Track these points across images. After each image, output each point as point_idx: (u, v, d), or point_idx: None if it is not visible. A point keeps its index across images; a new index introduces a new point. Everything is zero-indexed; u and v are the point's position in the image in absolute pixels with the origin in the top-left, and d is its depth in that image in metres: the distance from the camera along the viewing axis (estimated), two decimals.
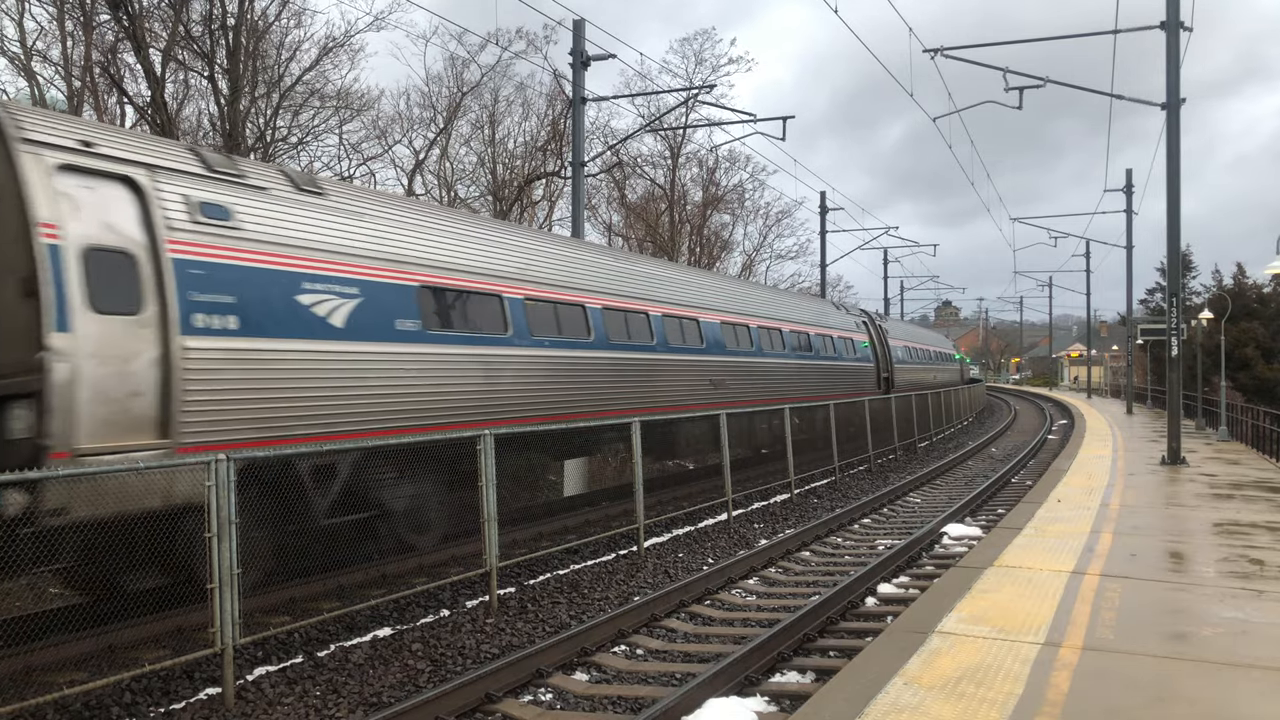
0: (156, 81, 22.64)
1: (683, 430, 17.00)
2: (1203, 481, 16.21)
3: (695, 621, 9.71)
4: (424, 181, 35.16)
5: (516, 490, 13.64)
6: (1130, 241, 41.06)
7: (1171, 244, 19.08)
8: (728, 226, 50.13)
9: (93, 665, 7.86)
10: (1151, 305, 47.77)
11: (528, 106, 38.17)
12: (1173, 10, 18.31)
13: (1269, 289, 44.84)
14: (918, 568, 12.13)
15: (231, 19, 23.95)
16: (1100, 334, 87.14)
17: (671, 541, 13.81)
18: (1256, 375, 41.43)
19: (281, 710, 7.11)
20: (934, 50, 20.19)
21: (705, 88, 28.02)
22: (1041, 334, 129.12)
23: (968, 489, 19.50)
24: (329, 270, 10.24)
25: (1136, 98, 20.09)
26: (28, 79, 24.06)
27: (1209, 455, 21.29)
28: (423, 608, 10.01)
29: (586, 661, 8.22)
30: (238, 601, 7.33)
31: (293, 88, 27.22)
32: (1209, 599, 7.78)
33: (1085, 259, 54.24)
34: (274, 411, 9.30)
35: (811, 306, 27.29)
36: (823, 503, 18.13)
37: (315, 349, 9.85)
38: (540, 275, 13.99)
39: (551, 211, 40.12)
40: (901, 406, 27.23)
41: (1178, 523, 11.76)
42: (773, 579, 11.65)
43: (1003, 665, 6.01)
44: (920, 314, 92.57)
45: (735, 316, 20.11)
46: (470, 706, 7.03)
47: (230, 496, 7.32)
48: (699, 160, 45.36)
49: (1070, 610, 7.37)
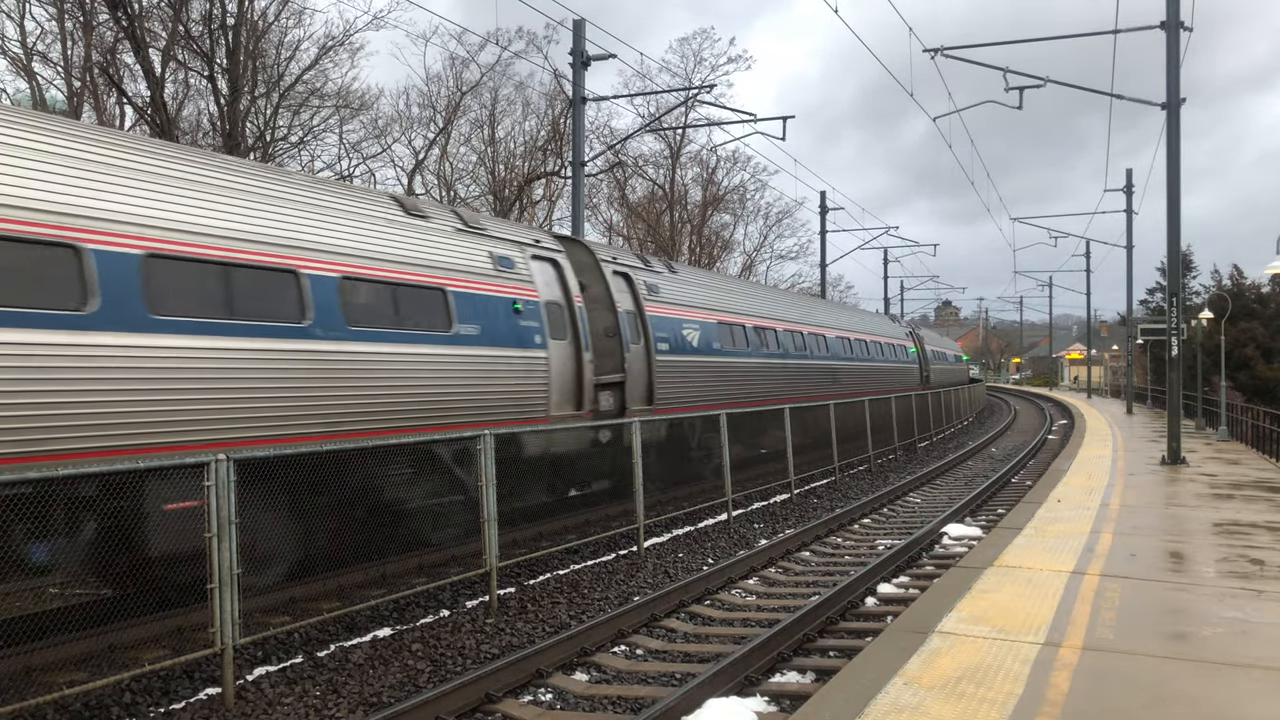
0: (156, 81, 22.65)
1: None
2: (1203, 481, 16.20)
3: (695, 621, 9.71)
4: (424, 181, 35.18)
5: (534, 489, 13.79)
6: (1130, 241, 41.09)
7: (1171, 244, 19.08)
8: (728, 226, 50.20)
9: (93, 665, 7.86)
10: (1151, 305, 47.77)
11: (528, 106, 38.22)
12: (1173, 10, 18.31)
13: (1268, 289, 44.86)
14: (918, 568, 12.13)
15: (231, 19, 23.95)
16: (1100, 334, 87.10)
17: (671, 541, 13.81)
18: (1256, 375, 41.44)
19: (281, 710, 7.11)
20: (934, 50, 20.18)
21: (705, 88, 28.08)
22: (1041, 334, 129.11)
23: (968, 489, 19.49)
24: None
25: (1136, 97, 20.11)
26: (28, 79, 24.07)
27: (1209, 455, 21.29)
28: (423, 608, 10.01)
29: (586, 661, 8.22)
30: (238, 601, 7.33)
31: (292, 87, 27.24)
32: (1209, 599, 7.78)
33: (1085, 259, 54.31)
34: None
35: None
36: (823, 503, 18.13)
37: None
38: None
39: (552, 211, 40.17)
40: (901, 406, 27.24)
41: (1178, 523, 11.76)
42: (773, 579, 11.65)
43: (1003, 665, 6.01)
44: (920, 314, 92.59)
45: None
46: (470, 706, 7.03)
47: (230, 496, 7.32)
48: (699, 160, 45.42)
49: (1070, 610, 7.37)
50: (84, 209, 7.98)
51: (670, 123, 37.23)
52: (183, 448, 8.39)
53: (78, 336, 7.72)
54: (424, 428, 10.90)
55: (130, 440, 8.05)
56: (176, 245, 8.67)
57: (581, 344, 13.92)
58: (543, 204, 39.81)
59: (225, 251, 9.14)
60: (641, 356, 15.80)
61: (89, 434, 7.79)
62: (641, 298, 16.16)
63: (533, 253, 13.69)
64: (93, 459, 7.60)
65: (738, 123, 25.70)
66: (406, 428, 10.71)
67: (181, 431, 8.45)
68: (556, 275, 14.01)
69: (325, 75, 28.67)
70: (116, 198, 8.31)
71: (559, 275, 14.07)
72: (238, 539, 7.34)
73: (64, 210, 7.84)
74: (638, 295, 16.11)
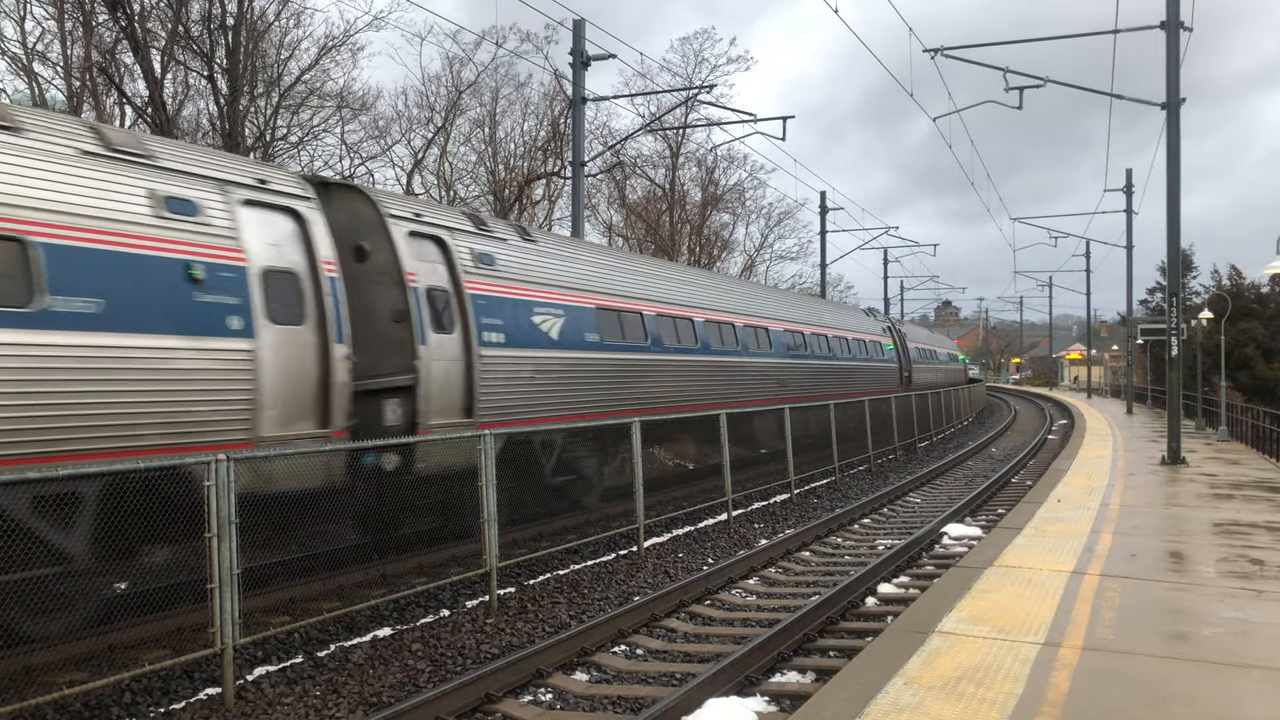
0: (155, 81, 22.65)
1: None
2: (1203, 481, 16.20)
3: (695, 621, 9.71)
4: (424, 181, 35.18)
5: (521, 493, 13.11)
6: (1130, 241, 41.11)
7: (1171, 244, 19.08)
8: (728, 226, 50.22)
9: (93, 665, 7.86)
10: (1151, 305, 47.78)
11: (527, 106, 38.22)
12: (1172, 10, 18.31)
13: (1267, 289, 44.88)
14: (918, 568, 12.13)
15: (231, 18, 23.95)
16: (1100, 334, 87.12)
17: (671, 541, 13.81)
18: (1256, 375, 41.45)
19: (281, 710, 7.11)
20: (934, 50, 20.19)
21: (705, 88, 28.10)
22: (1041, 334, 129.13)
23: (968, 489, 19.49)
24: None
25: (1136, 98, 20.11)
26: (28, 79, 24.07)
27: (1209, 455, 21.29)
28: (423, 608, 10.01)
29: (586, 661, 8.22)
30: (238, 601, 7.33)
31: (292, 87, 27.24)
32: (1209, 599, 7.78)
33: (1085, 259, 54.32)
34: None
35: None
36: (823, 503, 18.13)
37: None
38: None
39: (551, 211, 40.17)
40: (901, 406, 27.24)
41: (1178, 523, 11.76)
42: (773, 579, 11.65)
43: (1003, 665, 6.01)
44: (920, 314, 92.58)
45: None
46: (470, 706, 7.03)
47: (230, 497, 7.32)
48: (698, 160, 45.43)
49: (1070, 610, 7.37)
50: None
51: (670, 123, 37.24)
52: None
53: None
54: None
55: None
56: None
57: (331, 332, 10.09)
58: (543, 204, 39.83)
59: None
60: (456, 351, 11.81)
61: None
62: (463, 270, 12.17)
63: (245, 197, 9.75)
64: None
65: (738, 123, 25.71)
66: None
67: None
68: (295, 232, 10.17)
69: (326, 75, 28.70)
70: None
71: (300, 232, 10.21)
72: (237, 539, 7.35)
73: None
74: (455, 267, 12.07)
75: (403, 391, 11.03)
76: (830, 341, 25.83)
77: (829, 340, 25.76)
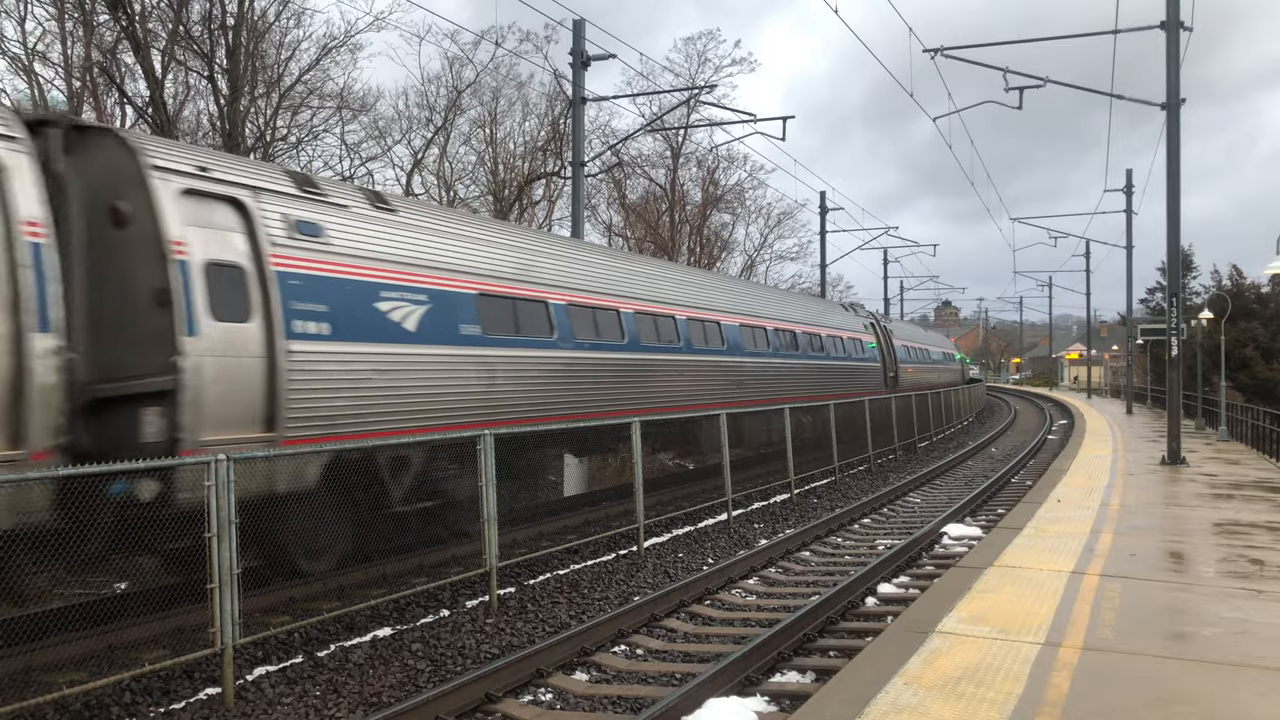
0: (156, 81, 22.66)
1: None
2: (1203, 481, 16.21)
3: (695, 621, 9.71)
4: (423, 181, 35.18)
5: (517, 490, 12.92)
6: (1130, 241, 41.12)
7: (1171, 244, 19.09)
8: (728, 226, 50.21)
9: (93, 665, 7.85)
10: (1152, 305, 47.79)
11: (528, 106, 38.20)
12: (1172, 10, 18.32)
13: (1267, 289, 44.89)
14: (918, 568, 12.12)
15: (231, 19, 23.96)
16: (1100, 334, 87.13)
17: (671, 541, 13.81)
18: (1256, 375, 41.48)
19: (281, 710, 7.11)
20: (934, 50, 20.19)
21: (705, 88, 28.09)
22: (1041, 334, 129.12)
23: (968, 489, 19.49)
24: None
25: (1136, 98, 20.12)
26: (28, 79, 24.07)
27: (1209, 455, 21.29)
28: (423, 608, 10.01)
29: (586, 661, 8.22)
30: (238, 601, 7.33)
31: (293, 87, 27.24)
32: (1209, 599, 7.78)
33: (1085, 259, 54.33)
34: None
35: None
36: (823, 503, 18.13)
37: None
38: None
39: (551, 211, 40.16)
40: (901, 406, 27.23)
41: (1178, 523, 11.77)
42: (773, 579, 11.65)
43: (1003, 665, 6.01)
44: (920, 314, 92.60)
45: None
46: (470, 706, 7.03)
47: (230, 497, 7.32)
48: (698, 160, 45.42)
49: (1070, 610, 7.37)
50: None
51: (672, 123, 37.24)
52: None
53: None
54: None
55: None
56: None
57: (26, 316, 7.68)
58: (543, 204, 39.82)
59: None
60: (254, 346, 9.28)
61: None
62: (270, 242, 9.61)
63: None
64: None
65: (738, 123, 25.71)
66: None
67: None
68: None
69: (326, 75, 28.70)
70: None
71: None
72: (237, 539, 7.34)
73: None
74: (258, 237, 9.52)
75: (161, 398, 8.59)
76: (798, 337, 23.50)
77: (796, 336, 23.38)
